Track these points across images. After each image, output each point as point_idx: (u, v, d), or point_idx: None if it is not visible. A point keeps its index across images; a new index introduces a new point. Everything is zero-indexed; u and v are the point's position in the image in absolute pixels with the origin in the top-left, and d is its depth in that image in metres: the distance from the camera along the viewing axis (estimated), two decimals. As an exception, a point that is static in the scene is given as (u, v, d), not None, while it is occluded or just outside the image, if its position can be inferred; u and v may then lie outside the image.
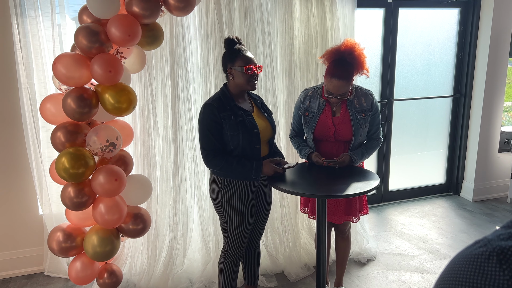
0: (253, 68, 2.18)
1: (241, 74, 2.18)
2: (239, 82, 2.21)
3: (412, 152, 4.54)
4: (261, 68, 2.24)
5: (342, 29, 3.25)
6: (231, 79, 2.23)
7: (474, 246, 0.43)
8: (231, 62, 2.20)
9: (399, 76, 4.18)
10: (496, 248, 0.40)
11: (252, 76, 2.19)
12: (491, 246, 0.41)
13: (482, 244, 0.42)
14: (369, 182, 2.17)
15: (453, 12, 4.26)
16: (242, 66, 2.17)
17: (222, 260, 2.43)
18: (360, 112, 2.44)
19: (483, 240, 0.43)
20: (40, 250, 3.18)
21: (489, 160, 4.42)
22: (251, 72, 2.17)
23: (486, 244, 0.42)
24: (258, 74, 2.25)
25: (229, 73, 2.23)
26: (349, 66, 2.31)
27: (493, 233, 0.43)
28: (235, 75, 2.20)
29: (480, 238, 0.44)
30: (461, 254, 0.44)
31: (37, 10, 2.79)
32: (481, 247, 0.42)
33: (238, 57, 2.18)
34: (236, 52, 2.19)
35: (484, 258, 0.41)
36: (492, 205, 4.35)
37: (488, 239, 0.42)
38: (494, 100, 4.26)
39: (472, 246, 0.43)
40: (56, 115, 2.46)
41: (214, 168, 2.22)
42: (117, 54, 2.49)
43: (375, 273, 3.14)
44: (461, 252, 0.45)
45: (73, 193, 2.36)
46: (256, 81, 2.22)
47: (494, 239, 0.42)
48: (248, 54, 2.20)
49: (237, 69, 2.18)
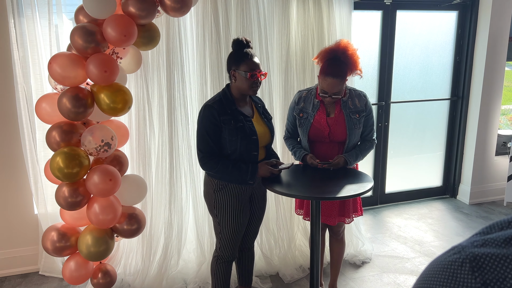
0: (257, 75, 2.14)
1: (244, 79, 2.14)
2: (241, 86, 2.18)
3: (409, 155, 4.55)
4: (265, 75, 2.20)
5: (339, 31, 3.26)
6: (233, 81, 2.20)
7: (448, 252, 0.43)
8: (236, 64, 2.16)
9: (396, 79, 4.18)
10: (469, 255, 0.40)
11: (255, 82, 2.16)
12: (465, 253, 0.41)
13: (456, 251, 0.42)
14: (363, 184, 2.17)
15: (451, 15, 4.27)
16: (247, 71, 2.13)
17: (214, 261, 2.43)
18: (354, 113, 2.45)
19: (457, 247, 0.43)
20: (35, 249, 3.18)
21: (486, 163, 4.42)
22: (255, 78, 2.14)
23: (460, 251, 0.42)
24: (262, 80, 2.22)
25: (232, 75, 2.19)
26: (343, 65, 2.32)
27: (467, 240, 0.43)
28: (238, 78, 2.16)
29: (455, 244, 0.44)
30: (436, 260, 0.44)
31: (34, 9, 2.80)
32: (455, 253, 0.42)
33: (244, 62, 2.13)
34: (243, 55, 2.15)
35: (457, 265, 0.41)
36: (488, 208, 4.36)
37: (462, 246, 0.42)
38: (491, 103, 4.27)
39: (447, 253, 0.43)
40: (52, 114, 2.46)
41: (210, 170, 2.21)
42: (113, 54, 2.49)
43: (370, 275, 3.14)
44: (436, 258, 0.45)
45: (67, 193, 2.36)
46: (259, 87, 2.20)
47: (468, 246, 0.42)
48: (255, 60, 2.16)
49: (241, 73, 2.14)
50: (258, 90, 2.21)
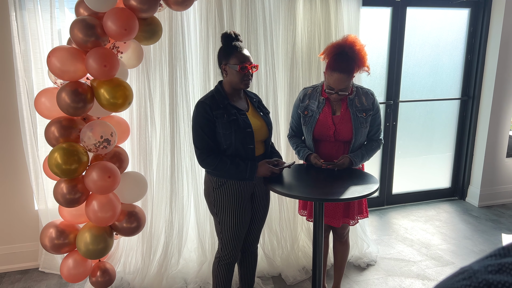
0: (247, 67, 2.11)
1: (235, 72, 2.11)
2: (232, 80, 2.14)
3: (417, 155, 4.45)
4: (256, 67, 2.17)
5: (347, 28, 3.17)
6: (224, 76, 2.17)
7: (457, 277, 0.37)
8: (226, 58, 2.13)
9: (405, 77, 4.09)
10: (482, 284, 0.34)
11: (246, 75, 2.12)
12: (477, 279, 0.35)
13: (467, 276, 0.36)
14: (368, 186, 2.10)
15: (462, 12, 4.16)
16: (237, 64, 2.09)
17: (216, 262, 2.37)
18: (361, 112, 2.37)
19: (468, 271, 0.37)
20: (35, 245, 3.15)
21: (496, 165, 4.31)
22: (245, 71, 2.11)
23: (471, 276, 0.36)
24: (253, 73, 2.18)
25: (223, 69, 2.16)
26: (350, 60, 2.25)
27: (480, 262, 0.37)
28: (229, 72, 2.14)
29: (465, 266, 0.37)
30: (443, 285, 0.38)
31: (35, 2, 2.76)
32: (465, 279, 0.36)
33: (234, 55, 2.11)
34: (232, 48, 2.12)
35: None
36: (498, 211, 4.25)
37: (474, 271, 0.36)
38: (503, 104, 4.15)
39: (455, 277, 0.37)
40: (51, 109, 2.42)
41: (208, 167, 2.16)
42: (114, 48, 2.44)
43: (375, 279, 3.06)
44: (442, 282, 0.38)
45: (65, 190, 2.31)
46: (250, 80, 2.16)
47: (481, 270, 0.36)
48: (244, 52, 2.13)
49: (231, 66, 2.11)
50: (249, 84, 2.16)
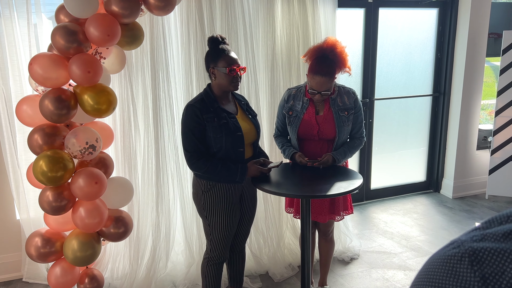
0: (236, 70, 2.14)
1: (224, 75, 2.14)
2: (221, 83, 2.17)
3: (393, 151, 4.60)
4: (244, 69, 2.21)
5: (324, 29, 3.26)
6: (213, 79, 2.20)
7: (448, 247, 0.44)
8: (214, 62, 2.16)
9: (379, 76, 4.22)
10: (468, 250, 0.41)
11: (235, 77, 2.16)
12: (464, 247, 0.41)
13: (456, 246, 0.43)
14: (352, 182, 2.18)
15: (431, 12, 4.33)
16: (225, 67, 2.12)
17: (205, 263, 2.40)
18: (343, 110, 2.45)
19: (456, 241, 0.43)
20: (18, 256, 3.09)
21: (467, 157, 4.51)
22: (234, 73, 2.14)
23: (459, 245, 0.42)
24: (242, 75, 2.22)
25: (211, 73, 2.19)
26: (331, 63, 2.33)
27: (466, 234, 0.44)
28: (218, 76, 2.16)
29: (455, 238, 0.45)
30: (436, 255, 0.45)
31: (12, 9, 2.71)
32: (454, 248, 0.42)
33: (222, 58, 2.14)
34: (219, 52, 2.15)
35: (456, 260, 0.41)
36: (471, 201, 4.44)
37: (462, 241, 0.43)
38: (472, 99, 4.35)
39: (446, 247, 0.44)
40: (33, 117, 2.39)
41: (198, 170, 2.19)
42: (96, 54, 2.43)
43: (359, 272, 3.16)
44: (436, 253, 0.45)
45: (51, 197, 2.29)
46: (239, 82, 2.20)
47: (467, 240, 0.42)
48: (232, 55, 2.16)
49: (220, 69, 2.14)
50: (239, 86, 2.20)
